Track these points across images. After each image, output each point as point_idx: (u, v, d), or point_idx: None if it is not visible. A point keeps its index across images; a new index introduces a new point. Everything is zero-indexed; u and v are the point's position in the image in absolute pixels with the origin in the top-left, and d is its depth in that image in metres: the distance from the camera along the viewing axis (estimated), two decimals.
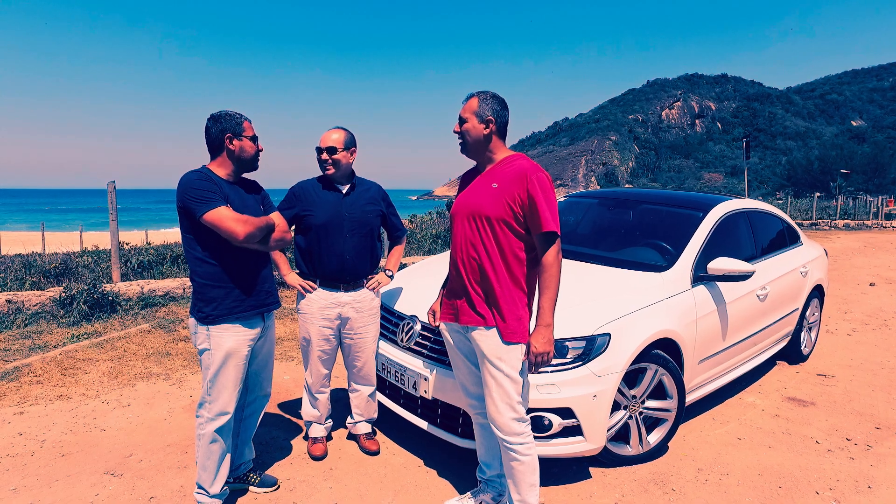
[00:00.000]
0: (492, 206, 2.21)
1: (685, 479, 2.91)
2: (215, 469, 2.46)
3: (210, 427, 2.42)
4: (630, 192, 4.60)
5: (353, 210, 2.89)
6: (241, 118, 2.44)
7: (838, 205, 25.79)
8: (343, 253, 2.86)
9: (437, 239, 11.51)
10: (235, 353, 2.41)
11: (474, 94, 2.26)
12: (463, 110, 2.27)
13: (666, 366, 3.01)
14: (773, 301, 4.10)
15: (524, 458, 2.28)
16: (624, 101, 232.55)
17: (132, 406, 3.67)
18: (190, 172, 2.38)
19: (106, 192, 6.75)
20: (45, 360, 4.43)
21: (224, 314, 2.38)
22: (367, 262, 2.96)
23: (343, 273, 2.88)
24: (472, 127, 2.25)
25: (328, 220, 2.84)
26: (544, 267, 2.18)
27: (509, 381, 2.24)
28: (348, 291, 2.92)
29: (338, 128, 2.87)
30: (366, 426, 3.17)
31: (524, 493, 2.32)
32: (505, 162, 2.28)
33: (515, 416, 2.26)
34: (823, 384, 4.32)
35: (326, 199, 2.88)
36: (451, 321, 2.39)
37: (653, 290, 3.14)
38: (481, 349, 2.27)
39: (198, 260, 2.38)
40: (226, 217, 2.28)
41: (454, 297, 2.37)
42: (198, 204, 2.27)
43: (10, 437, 3.22)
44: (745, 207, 4.21)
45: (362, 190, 2.98)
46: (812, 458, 3.15)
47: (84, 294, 5.81)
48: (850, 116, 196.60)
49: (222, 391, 2.41)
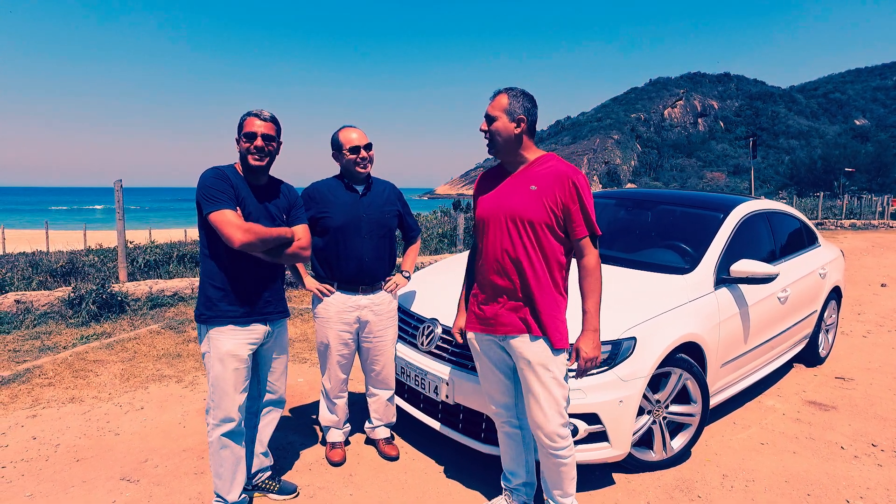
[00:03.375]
0: (534, 210, 2.13)
1: (710, 486, 2.86)
2: (230, 476, 2.41)
3: (216, 433, 2.37)
4: (647, 193, 4.54)
5: (371, 211, 2.83)
6: (245, 116, 2.36)
7: (844, 204, 25.66)
8: (361, 255, 2.80)
9: (443, 238, 11.46)
10: (233, 357, 2.34)
11: (503, 91, 2.16)
12: (491, 108, 2.17)
13: (690, 370, 2.96)
14: (793, 303, 4.05)
15: (567, 459, 2.27)
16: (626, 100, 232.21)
17: (145, 409, 3.62)
18: (210, 169, 2.33)
19: (109, 190, 6.71)
20: (55, 362, 4.39)
21: (218, 316, 2.33)
22: (386, 264, 2.91)
23: (361, 276, 2.82)
24: (503, 126, 2.15)
25: (346, 222, 2.78)
26: (588, 271, 2.14)
27: (558, 387, 2.20)
28: (367, 294, 2.86)
29: (353, 126, 2.81)
30: (384, 431, 3.11)
31: (566, 487, 2.32)
32: (539, 162, 2.21)
33: (563, 422, 2.23)
34: (843, 387, 4.26)
35: (344, 199, 2.82)
36: (481, 331, 2.32)
37: (676, 292, 3.09)
38: (526, 358, 2.20)
39: (203, 255, 2.37)
40: (227, 221, 2.21)
41: (486, 305, 2.29)
42: (206, 202, 2.24)
43: (25, 440, 3.17)
44: (765, 208, 4.15)
45: (379, 190, 2.91)
46: (839, 465, 3.09)
47: (93, 294, 5.77)
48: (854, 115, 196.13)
49: (223, 396, 2.35)
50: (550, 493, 2.36)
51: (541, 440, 2.26)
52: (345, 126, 2.82)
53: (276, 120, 2.38)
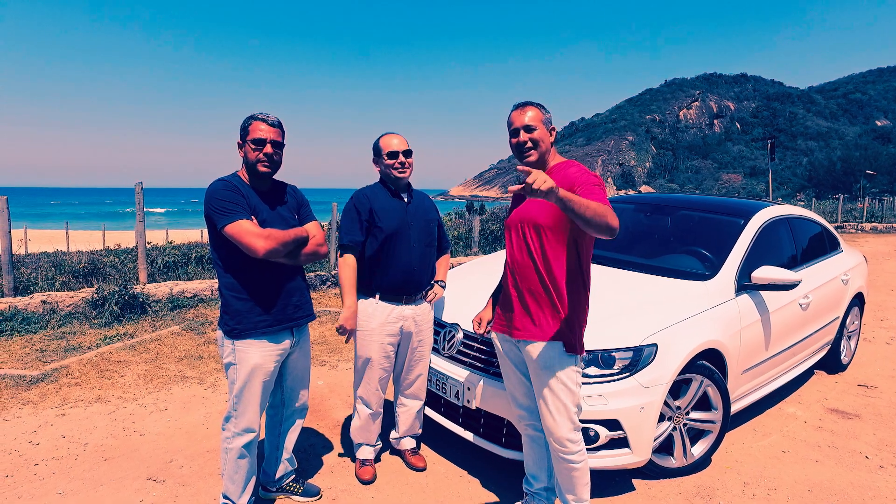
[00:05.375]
0: (545, 215, 2.18)
1: (732, 494, 2.84)
2: (243, 482, 2.43)
3: (238, 442, 2.37)
4: (666, 198, 4.52)
5: (417, 219, 2.79)
6: (249, 119, 2.30)
7: (864, 207, 25.18)
8: (410, 264, 2.74)
9: (458, 241, 11.48)
10: (261, 369, 2.33)
11: (531, 104, 2.25)
12: (528, 119, 2.22)
13: (711, 377, 2.95)
14: (815, 310, 4.01)
15: (579, 464, 2.28)
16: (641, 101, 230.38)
17: (169, 410, 3.69)
18: (217, 181, 2.28)
19: (126, 191, 6.83)
20: (81, 362, 4.48)
21: (249, 329, 2.29)
22: (429, 274, 2.87)
23: (408, 285, 2.76)
24: (544, 135, 2.23)
25: (396, 231, 2.71)
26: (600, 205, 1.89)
27: (568, 393, 2.21)
28: (409, 304, 2.80)
29: (395, 132, 2.78)
30: (410, 441, 3.08)
31: (580, 493, 2.33)
32: (557, 168, 2.27)
33: (573, 428, 2.24)
34: (866, 395, 4.20)
35: (393, 206, 2.75)
36: (504, 332, 2.36)
37: (697, 299, 3.08)
38: (537, 362, 2.23)
39: (222, 270, 2.30)
40: (246, 231, 2.17)
41: (506, 309, 2.34)
42: (219, 215, 2.19)
43: (55, 439, 3.25)
44: (786, 214, 4.11)
45: (420, 199, 2.88)
46: (864, 475, 3.06)
47: (115, 295, 5.87)
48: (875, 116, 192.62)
49: (248, 407, 2.35)
50: (564, 498, 2.37)
51: (552, 444, 2.28)
52: (386, 132, 2.80)
53: (281, 124, 2.35)
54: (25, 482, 2.80)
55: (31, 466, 2.95)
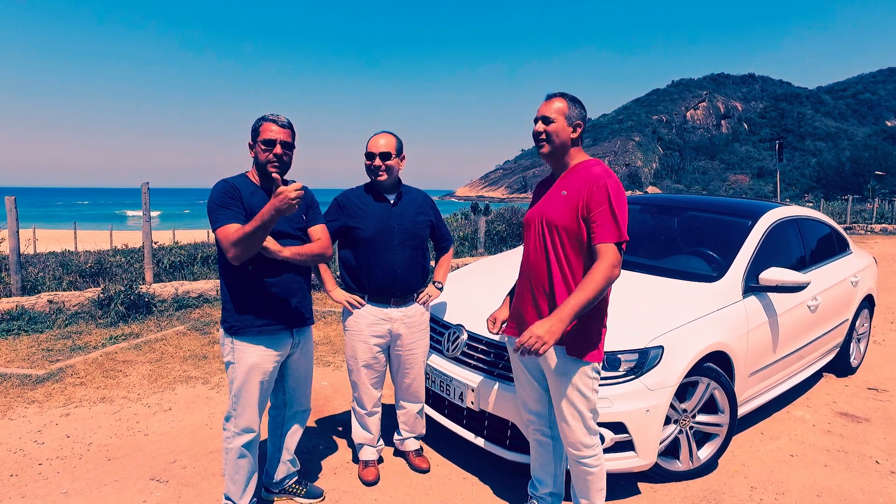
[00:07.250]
0: (562, 216, 2.12)
1: (739, 498, 2.81)
2: (244, 482, 2.42)
3: (238, 442, 2.36)
4: (673, 199, 4.48)
5: (403, 221, 2.75)
6: (260, 120, 2.29)
7: (874, 208, 24.93)
8: (394, 267, 2.72)
9: (464, 241, 11.46)
10: (258, 369, 2.32)
11: (560, 95, 2.19)
12: (547, 110, 2.16)
13: (718, 379, 2.92)
14: (824, 312, 3.96)
15: (595, 468, 2.25)
16: (648, 102, 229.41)
17: (173, 410, 3.69)
18: (220, 182, 2.28)
19: (135, 192, 6.86)
20: (86, 362, 4.50)
21: (246, 326, 2.29)
22: (419, 276, 2.82)
23: (393, 288, 2.74)
24: (561, 129, 2.16)
25: (377, 233, 2.69)
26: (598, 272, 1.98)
27: (583, 398, 2.18)
28: (399, 307, 2.78)
29: (385, 132, 2.72)
30: (414, 443, 3.06)
31: (594, 498, 2.30)
32: (579, 168, 2.19)
33: (588, 433, 2.22)
34: (876, 399, 4.15)
35: (374, 210, 2.73)
36: (515, 334, 2.33)
37: (704, 300, 3.05)
38: (552, 366, 2.20)
39: (222, 268, 2.31)
40: (224, 237, 2.14)
41: (520, 309, 2.29)
42: (212, 216, 2.20)
43: (59, 438, 3.26)
44: (794, 215, 4.07)
45: (410, 199, 2.83)
46: (874, 480, 3.01)
47: (121, 295, 5.90)
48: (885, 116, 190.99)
49: (246, 406, 2.34)
50: (578, 502, 2.34)
51: (567, 449, 2.26)
52: (378, 132, 2.74)
53: (292, 125, 2.34)
54: (30, 481, 2.81)
55: (35, 466, 2.96)
